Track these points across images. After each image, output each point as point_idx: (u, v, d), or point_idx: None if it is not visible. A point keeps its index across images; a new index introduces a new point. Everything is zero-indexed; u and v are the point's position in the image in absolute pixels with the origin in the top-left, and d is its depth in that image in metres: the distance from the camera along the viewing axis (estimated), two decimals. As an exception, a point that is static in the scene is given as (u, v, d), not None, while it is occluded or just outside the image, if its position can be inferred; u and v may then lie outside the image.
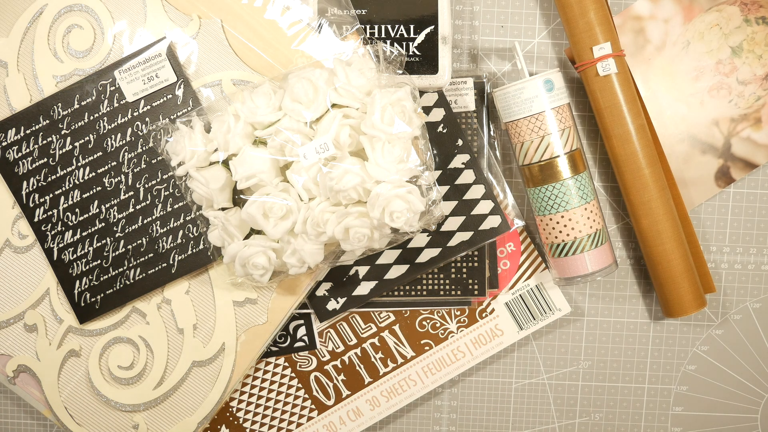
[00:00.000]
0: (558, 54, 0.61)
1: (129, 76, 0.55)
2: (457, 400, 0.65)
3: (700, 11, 0.60)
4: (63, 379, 0.58)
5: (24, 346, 0.58)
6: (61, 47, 0.56)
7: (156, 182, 0.56)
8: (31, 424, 0.65)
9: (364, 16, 0.56)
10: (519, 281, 0.62)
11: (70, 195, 0.56)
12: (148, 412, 0.58)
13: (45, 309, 0.57)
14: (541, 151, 0.57)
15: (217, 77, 0.55)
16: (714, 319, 0.64)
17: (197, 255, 0.56)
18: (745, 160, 0.61)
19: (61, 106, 0.55)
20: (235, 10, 0.55)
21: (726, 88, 0.60)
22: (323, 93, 0.50)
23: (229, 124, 0.51)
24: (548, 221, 0.58)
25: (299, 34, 0.55)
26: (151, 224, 0.56)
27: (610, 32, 0.56)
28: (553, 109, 0.56)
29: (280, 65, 0.55)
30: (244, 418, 0.62)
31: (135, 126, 0.55)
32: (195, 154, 0.52)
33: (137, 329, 0.58)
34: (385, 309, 0.62)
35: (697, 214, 0.62)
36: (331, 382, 0.63)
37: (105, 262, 0.57)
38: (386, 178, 0.50)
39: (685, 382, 0.64)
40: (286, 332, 0.62)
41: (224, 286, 0.57)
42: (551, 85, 0.56)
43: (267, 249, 0.52)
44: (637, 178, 0.57)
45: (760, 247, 0.63)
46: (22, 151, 0.56)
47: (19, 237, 0.57)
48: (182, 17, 0.55)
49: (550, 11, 0.61)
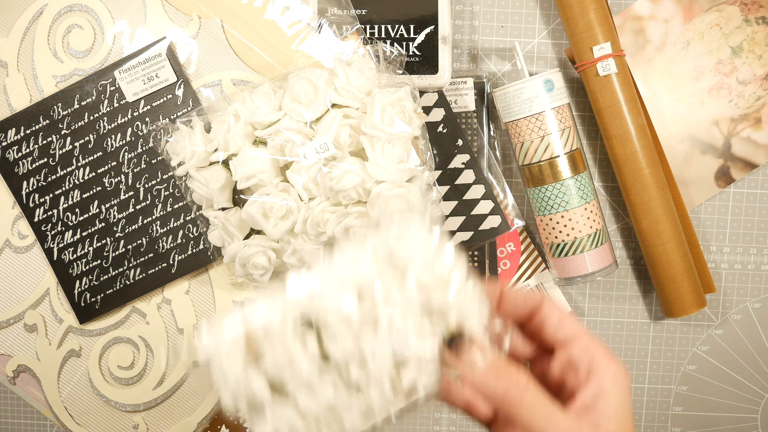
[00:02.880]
0: (558, 54, 0.61)
1: (129, 76, 0.55)
2: (457, 400, 0.65)
3: (700, 11, 0.60)
4: (63, 379, 0.58)
5: (24, 346, 0.58)
6: (61, 47, 0.56)
7: (156, 182, 0.56)
8: (31, 424, 0.65)
9: (364, 16, 0.56)
10: (519, 281, 0.62)
11: (70, 195, 0.56)
12: (148, 412, 0.58)
13: (45, 309, 0.57)
14: (541, 151, 0.57)
15: (217, 77, 0.55)
16: (714, 319, 0.64)
17: (197, 255, 0.56)
18: (745, 160, 0.61)
19: (61, 106, 0.55)
20: (235, 10, 0.55)
21: (726, 88, 0.60)
22: (323, 93, 0.50)
23: (229, 124, 0.51)
24: (548, 221, 0.58)
25: (299, 34, 0.55)
26: (151, 224, 0.56)
27: (610, 32, 0.56)
28: (553, 109, 0.56)
29: (280, 65, 0.55)
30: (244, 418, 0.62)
31: (135, 126, 0.55)
32: (195, 154, 0.52)
33: (137, 329, 0.58)
34: (385, 309, 0.62)
35: (697, 214, 0.62)
36: (331, 382, 0.63)
37: (105, 262, 0.57)
38: (386, 178, 0.50)
39: (685, 382, 0.64)
40: (286, 332, 0.62)
41: (224, 286, 0.57)
42: (551, 85, 0.56)
43: (267, 249, 0.52)
44: (637, 178, 0.57)
45: (760, 247, 0.63)
46: (22, 151, 0.56)
47: (19, 237, 0.57)
48: (182, 17, 0.55)
49: (550, 11, 0.61)
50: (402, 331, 0.34)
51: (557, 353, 0.37)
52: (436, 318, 0.36)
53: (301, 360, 0.35)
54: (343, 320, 0.34)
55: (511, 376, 0.34)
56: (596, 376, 0.35)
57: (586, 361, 0.36)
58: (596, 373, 0.35)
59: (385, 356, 0.34)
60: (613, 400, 0.34)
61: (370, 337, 0.34)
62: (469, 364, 0.34)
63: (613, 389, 0.35)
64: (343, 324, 0.34)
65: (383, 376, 0.35)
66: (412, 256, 0.36)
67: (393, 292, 0.35)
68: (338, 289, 0.35)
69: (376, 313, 0.35)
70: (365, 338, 0.34)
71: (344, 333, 0.34)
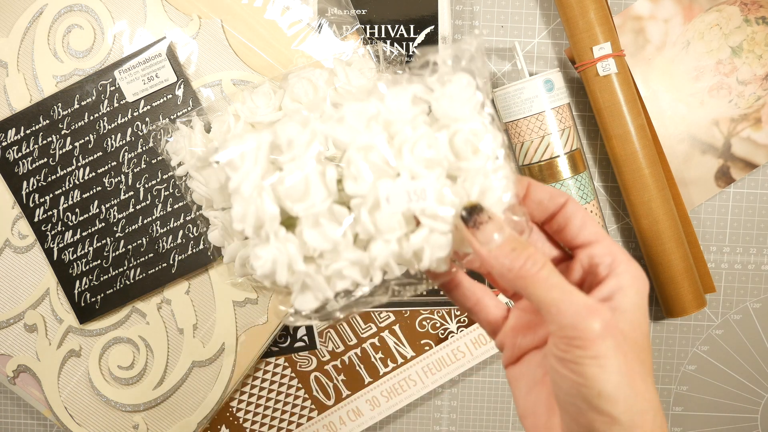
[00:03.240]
0: (558, 54, 0.61)
1: (129, 76, 0.55)
2: (457, 400, 0.65)
3: (700, 11, 0.60)
4: (63, 379, 0.58)
5: (24, 346, 0.58)
6: (61, 47, 0.56)
7: (156, 182, 0.56)
8: (31, 424, 0.65)
9: (364, 16, 0.56)
10: (519, 281, 0.62)
11: (70, 195, 0.56)
12: (148, 412, 0.58)
13: (45, 309, 0.57)
14: (541, 151, 0.57)
15: (217, 77, 0.55)
16: (714, 319, 0.64)
17: (197, 255, 0.56)
18: (745, 160, 0.61)
19: (61, 106, 0.55)
20: (235, 10, 0.55)
21: (726, 88, 0.60)
22: (323, 93, 0.50)
23: (229, 124, 0.51)
24: (548, 221, 0.58)
25: (299, 34, 0.55)
26: (151, 224, 0.56)
27: (610, 32, 0.56)
28: (553, 109, 0.56)
29: (280, 65, 0.55)
30: (244, 418, 0.62)
31: (135, 126, 0.55)
32: (195, 154, 0.52)
33: (137, 329, 0.58)
34: (385, 309, 0.62)
35: (697, 214, 0.62)
36: (331, 382, 0.63)
37: (105, 262, 0.57)
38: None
39: (685, 382, 0.64)
40: (286, 332, 0.62)
41: (224, 286, 0.57)
42: (551, 85, 0.56)
43: (267, 249, 0.52)
44: (637, 178, 0.57)
45: (760, 247, 0.63)
46: (22, 151, 0.56)
47: (19, 237, 0.57)
48: (182, 17, 0.55)
49: (550, 11, 0.61)
50: (421, 185, 0.33)
51: (578, 254, 0.36)
52: (459, 186, 0.34)
53: (318, 187, 0.33)
54: (365, 156, 0.33)
55: (527, 252, 0.32)
56: (616, 274, 0.34)
57: (607, 261, 0.34)
58: (616, 272, 0.34)
59: (399, 204, 0.33)
60: (630, 297, 0.33)
61: (388, 182, 0.33)
62: (485, 237, 0.33)
63: (632, 288, 0.33)
64: (365, 161, 0.33)
65: (393, 227, 0.33)
66: (452, 112, 0.34)
67: (421, 144, 0.33)
68: (369, 124, 0.34)
69: (400, 160, 0.33)
70: (383, 183, 0.33)
71: (365, 171, 0.33)
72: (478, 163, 0.34)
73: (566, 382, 0.31)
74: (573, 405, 0.31)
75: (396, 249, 0.34)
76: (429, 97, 0.35)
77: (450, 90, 0.35)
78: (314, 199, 0.33)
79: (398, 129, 0.34)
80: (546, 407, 0.35)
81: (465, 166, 0.34)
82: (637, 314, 0.33)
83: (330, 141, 0.34)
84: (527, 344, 0.37)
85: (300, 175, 0.33)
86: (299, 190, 0.33)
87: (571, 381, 0.31)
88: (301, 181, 0.33)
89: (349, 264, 0.34)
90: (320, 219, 0.33)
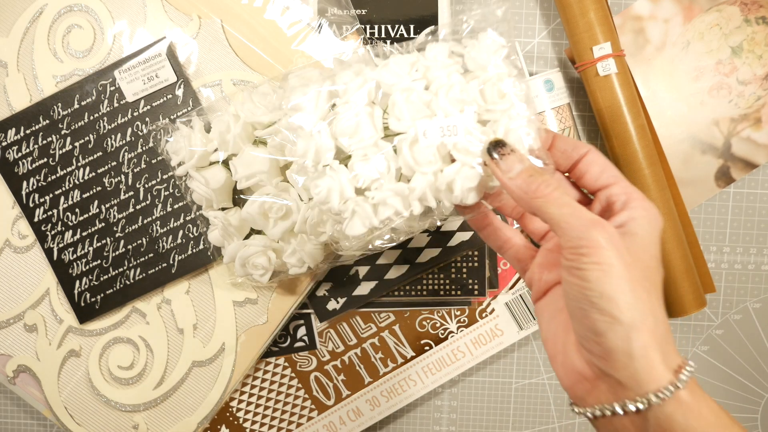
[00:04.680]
0: (558, 54, 0.61)
1: (129, 76, 0.55)
2: (457, 400, 0.65)
3: (700, 11, 0.60)
4: (63, 379, 0.58)
5: (24, 346, 0.58)
6: (61, 47, 0.56)
7: (156, 182, 0.56)
8: (31, 424, 0.65)
9: (364, 16, 0.56)
10: (519, 281, 0.62)
11: (70, 195, 0.56)
12: (148, 412, 0.58)
13: (45, 309, 0.57)
14: (541, 151, 0.57)
15: (217, 77, 0.55)
16: (714, 319, 0.64)
17: (197, 255, 0.56)
18: (745, 160, 0.61)
19: (61, 106, 0.55)
20: (235, 10, 0.55)
21: (726, 88, 0.60)
22: (323, 93, 0.50)
23: (229, 124, 0.51)
24: (548, 221, 0.58)
25: (299, 34, 0.55)
26: (151, 224, 0.56)
27: (610, 32, 0.56)
28: (553, 109, 0.56)
29: (280, 65, 0.55)
30: (244, 418, 0.62)
31: (135, 126, 0.55)
32: (195, 154, 0.52)
33: (137, 329, 0.58)
34: (385, 309, 0.62)
35: (697, 214, 0.62)
36: (331, 382, 0.63)
37: (105, 262, 0.57)
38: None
39: (685, 382, 0.64)
40: (286, 332, 0.62)
41: (224, 286, 0.57)
42: (551, 85, 0.56)
43: (267, 249, 0.52)
44: (637, 179, 0.57)
45: (760, 247, 0.63)
46: (22, 151, 0.56)
47: (19, 237, 0.57)
48: (182, 17, 0.55)
49: (550, 11, 0.61)
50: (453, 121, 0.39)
51: (597, 194, 0.40)
52: (488, 127, 0.39)
53: (367, 125, 0.40)
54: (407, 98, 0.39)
55: (543, 177, 0.36)
56: (630, 208, 0.37)
57: (622, 198, 0.38)
58: (630, 206, 0.37)
59: (434, 138, 0.38)
60: (642, 228, 0.36)
61: (426, 120, 0.39)
62: (507, 166, 0.37)
63: (644, 219, 0.37)
64: (407, 103, 0.39)
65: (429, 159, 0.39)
66: (481, 60, 0.40)
67: (455, 89, 0.39)
68: (410, 71, 0.40)
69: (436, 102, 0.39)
70: (421, 121, 0.39)
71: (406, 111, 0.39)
72: (504, 106, 0.39)
73: (573, 289, 0.35)
74: (579, 309, 0.35)
75: (432, 180, 0.39)
76: (462, 51, 0.41)
77: (480, 42, 0.40)
78: (363, 134, 0.40)
79: (435, 75, 0.40)
80: (564, 329, 0.39)
81: (492, 108, 0.39)
82: (647, 239, 0.36)
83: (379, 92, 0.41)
84: (552, 279, 0.41)
85: (352, 115, 0.40)
86: (351, 127, 0.40)
87: (577, 287, 0.34)
88: (353, 120, 0.40)
89: (392, 194, 0.39)
90: (368, 152, 0.39)
